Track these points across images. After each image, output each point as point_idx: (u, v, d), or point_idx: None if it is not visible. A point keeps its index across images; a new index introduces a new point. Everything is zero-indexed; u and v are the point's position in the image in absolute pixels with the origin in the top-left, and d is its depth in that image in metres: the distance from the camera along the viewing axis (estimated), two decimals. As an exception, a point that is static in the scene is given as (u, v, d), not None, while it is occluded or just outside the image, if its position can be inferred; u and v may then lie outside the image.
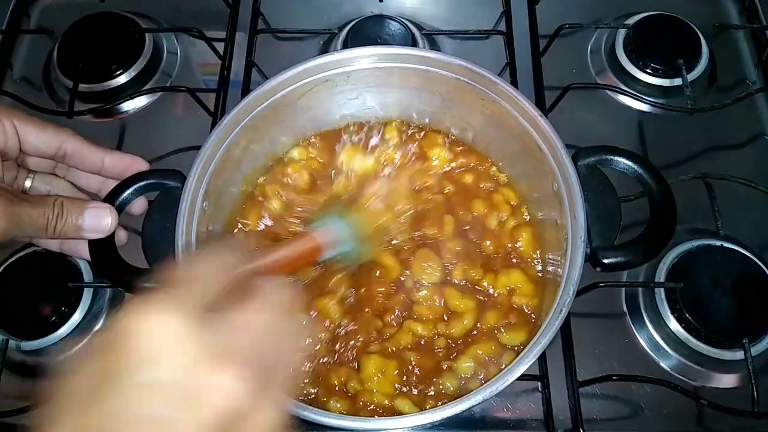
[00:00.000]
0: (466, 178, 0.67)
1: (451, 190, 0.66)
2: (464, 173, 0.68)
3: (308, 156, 0.69)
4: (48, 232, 0.51)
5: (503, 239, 0.64)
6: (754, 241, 0.72)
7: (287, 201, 0.66)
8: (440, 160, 0.68)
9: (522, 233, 0.63)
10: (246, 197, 0.67)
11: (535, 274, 0.62)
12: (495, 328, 0.59)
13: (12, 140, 0.53)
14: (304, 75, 0.62)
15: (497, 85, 0.60)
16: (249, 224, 0.65)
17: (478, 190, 0.66)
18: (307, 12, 0.91)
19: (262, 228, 0.65)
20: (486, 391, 0.47)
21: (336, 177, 0.67)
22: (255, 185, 0.67)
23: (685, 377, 0.67)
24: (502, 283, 0.61)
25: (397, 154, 0.68)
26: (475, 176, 0.67)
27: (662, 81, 0.82)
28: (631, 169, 0.57)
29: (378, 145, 0.69)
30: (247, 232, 0.64)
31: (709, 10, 0.91)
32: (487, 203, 0.65)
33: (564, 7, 0.90)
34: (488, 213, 0.65)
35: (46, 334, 0.68)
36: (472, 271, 0.62)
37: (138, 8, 0.91)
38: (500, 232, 0.64)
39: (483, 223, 0.64)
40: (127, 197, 0.56)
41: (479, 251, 0.63)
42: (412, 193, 0.66)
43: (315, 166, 0.69)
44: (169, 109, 0.85)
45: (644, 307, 0.70)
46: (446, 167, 0.68)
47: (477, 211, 0.65)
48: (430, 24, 0.90)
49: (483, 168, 0.68)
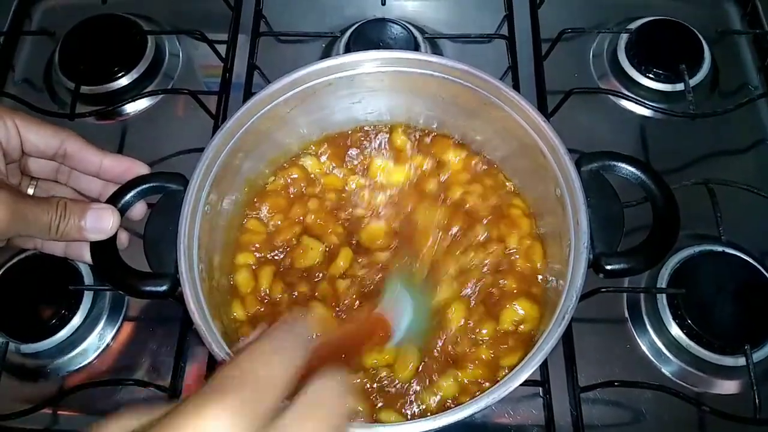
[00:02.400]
0: (478, 189, 0.66)
1: (471, 204, 0.65)
2: (476, 183, 0.67)
3: (321, 170, 0.68)
4: (51, 233, 0.51)
5: (519, 263, 0.62)
6: (756, 247, 0.72)
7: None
8: (458, 161, 0.67)
9: (536, 250, 0.62)
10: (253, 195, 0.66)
11: (539, 292, 0.61)
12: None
13: (14, 139, 0.53)
14: (306, 79, 0.61)
15: (499, 90, 0.60)
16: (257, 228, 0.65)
17: (494, 208, 0.65)
18: (309, 15, 0.92)
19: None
20: (488, 398, 0.47)
21: (356, 199, 0.67)
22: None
23: (686, 383, 0.67)
24: (510, 318, 0.59)
25: (411, 166, 0.68)
26: (485, 187, 0.67)
27: (664, 86, 0.82)
28: (635, 175, 0.57)
29: (390, 155, 0.69)
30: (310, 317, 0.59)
31: (711, 16, 0.91)
32: (506, 222, 0.64)
33: (566, 11, 0.90)
34: (507, 234, 0.63)
35: (46, 337, 0.68)
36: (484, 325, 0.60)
37: (140, 10, 0.91)
38: (516, 259, 0.62)
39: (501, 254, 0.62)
40: (129, 200, 0.55)
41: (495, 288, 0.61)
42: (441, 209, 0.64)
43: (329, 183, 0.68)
44: (171, 112, 0.85)
45: (646, 313, 0.70)
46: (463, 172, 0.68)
47: (499, 237, 0.63)
48: (432, 28, 0.90)
49: (493, 178, 0.67)
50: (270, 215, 0.66)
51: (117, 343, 0.70)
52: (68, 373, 0.69)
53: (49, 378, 0.69)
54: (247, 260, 0.63)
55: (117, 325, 0.71)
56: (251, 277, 0.62)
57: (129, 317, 0.72)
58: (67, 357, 0.69)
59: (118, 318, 0.71)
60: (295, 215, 0.65)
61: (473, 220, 0.64)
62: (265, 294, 0.61)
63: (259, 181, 0.67)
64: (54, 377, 0.69)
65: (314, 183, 0.68)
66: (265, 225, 0.65)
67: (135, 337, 0.71)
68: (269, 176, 0.68)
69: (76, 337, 0.69)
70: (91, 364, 0.69)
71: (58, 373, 0.69)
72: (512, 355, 0.57)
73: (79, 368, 0.69)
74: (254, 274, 0.62)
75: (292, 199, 0.67)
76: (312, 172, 0.68)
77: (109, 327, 0.71)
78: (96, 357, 0.69)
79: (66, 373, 0.69)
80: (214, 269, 0.59)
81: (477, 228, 0.63)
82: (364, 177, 0.68)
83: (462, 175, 0.67)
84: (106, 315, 0.71)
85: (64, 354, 0.69)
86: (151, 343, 0.70)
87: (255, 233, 0.65)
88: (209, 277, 0.57)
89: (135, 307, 0.72)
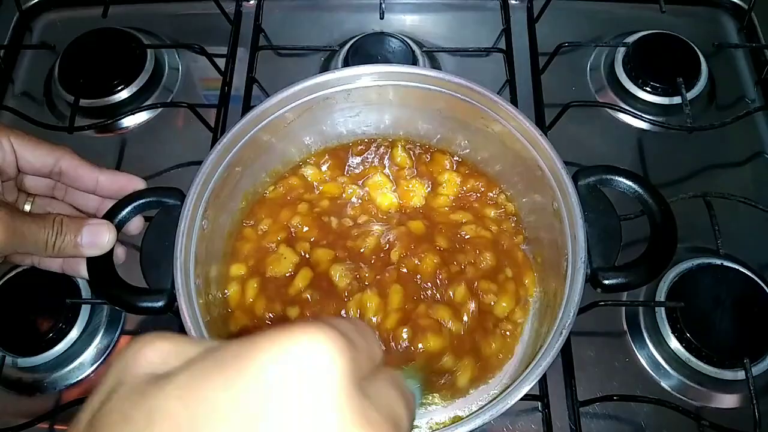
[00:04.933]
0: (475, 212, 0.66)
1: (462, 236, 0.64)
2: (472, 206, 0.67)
3: (322, 179, 0.69)
4: (48, 249, 0.51)
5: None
6: (754, 260, 0.72)
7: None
8: (449, 184, 0.68)
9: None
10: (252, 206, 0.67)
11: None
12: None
13: (9, 157, 0.53)
14: (304, 92, 0.62)
15: (497, 104, 0.60)
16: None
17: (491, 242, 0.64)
18: (308, 29, 0.92)
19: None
20: (486, 414, 0.47)
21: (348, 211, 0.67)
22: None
23: (685, 397, 0.66)
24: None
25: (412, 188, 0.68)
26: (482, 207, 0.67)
27: (662, 99, 0.83)
28: (632, 189, 0.57)
29: (390, 171, 0.69)
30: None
31: (708, 29, 0.91)
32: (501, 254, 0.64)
33: (563, 25, 0.91)
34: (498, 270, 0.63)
35: (43, 350, 0.67)
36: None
37: (140, 24, 0.91)
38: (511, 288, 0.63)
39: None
40: (125, 215, 0.55)
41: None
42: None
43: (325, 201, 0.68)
44: (170, 125, 0.85)
45: (645, 326, 0.70)
46: (458, 192, 0.68)
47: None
48: (430, 41, 0.90)
49: (492, 194, 0.68)
50: (261, 221, 0.66)
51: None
52: (65, 387, 0.68)
53: (45, 392, 0.68)
54: (239, 272, 0.63)
55: (114, 339, 0.71)
56: (241, 290, 0.62)
57: (126, 331, 0.71)
58: (64, 371, 0.69)
59: (115, 332, 0.71)
60: (283, 219, 0.66)
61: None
62: (250, 308, 0.61)
63: (258, 191, 0.67)
64: (51, 391, 0.68)
65: (312, 190, 0.68)
66: (256, 231, 0.66)
67: (132, 350, 0.70)
68: (269, 186, 0.68)
69: (73, 351, 0.69)
70: (88, 378, 0.69)
71: (55, 387, 0.68)
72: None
73: (76, 382, 0.69)
74: (243, 288, 0.62)
75: (282, 203, 0.67)
76: (313, 181, 0.69)
77: (107, 341, 0.70)
78: (93, 371, 0.69)
79: (63, 387, 0.68)
80: (211, 284, 0.59)
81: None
82: (361, 188, 0.68)
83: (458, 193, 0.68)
84: (104, 329, 0.71)
85: (61, 368, 0.69)
86: (148, 357, 0.70)
87: (248, 240, 0.65)
88: (206, 292, 0.57)
89: (132, 321, 0.72)
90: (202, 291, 0.56)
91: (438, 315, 0.59)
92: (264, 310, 0.60)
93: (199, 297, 0.54)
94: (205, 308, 0.54)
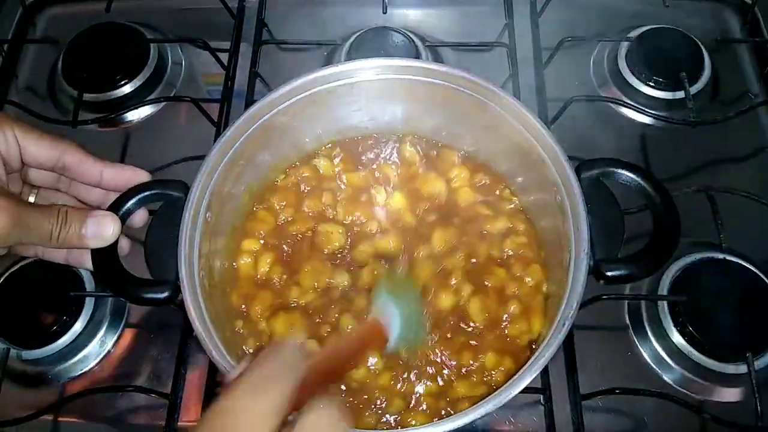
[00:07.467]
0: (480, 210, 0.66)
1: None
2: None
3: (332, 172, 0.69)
4: (52, 240, 0.51)
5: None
6: (756, 255, 0.72)
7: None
8: (459, 180, 0.68)
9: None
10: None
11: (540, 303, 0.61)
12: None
13: (13, 149, 0.53)
14: (307, 86, 0.62)
15: (500, 97, 0.60)
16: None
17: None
18: (311, 23, 0.92)
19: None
20: (489, 405, 0.47)
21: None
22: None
23: (688, 391, 0.67)
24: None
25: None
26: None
27: (665, 94, 0.83)
28: (635, 182, 0.57)
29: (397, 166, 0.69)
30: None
31: (711, 24, 0.91)
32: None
33: (567, 19, 0.91)
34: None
35: (48, 343, 0.68)
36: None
37: (143, 19, 0.92)
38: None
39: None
40: (130, 207, 0.55)
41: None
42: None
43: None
44: (173, 119, 0.85)
45: (647, 320, 0.70)
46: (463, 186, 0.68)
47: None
48: (433, 36, 0.90)
49: (497, 190, 0.68)
50: (280, 208, 0.66)
51: (118, 350, 0.70)
52: (69, 380, 0.69)
53: (50, 384, 0.69)
54: (252, 246, 0.64)
55: (118, 332, 0.71)
56: (253, 262, 0.63)
57: (130, 324, 0.72)
58: (69, 363, 0.69)
59: (119, 324, 0.71)
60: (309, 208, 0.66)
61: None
62: (262, 279, 0.62)
63: (262, 183, 0.67)
64: (55, 384, 0.69)
65: (325, 181, 0.68)
66: (275, 216, 0.66)
67: (136, 343, 0.71)
68: (279, 174, 0.68)
69: (77, 343, 0.69)
70: (92, 371, 0.69)
71: (59, 380, 0.69)
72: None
73: (80, 375, 0.69)
74: (255, 260, 0.63)
75: (303, 194, 0.67)
76: (325, 173, 0.69)
77: (111, 333, 0.71)
78: (97, 363, 0.69)
79: (67, 380, 0.69)
80: (215, 275, 0.59)
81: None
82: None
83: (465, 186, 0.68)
84: (108, 321, 0.71)
85: (66, 360, 0.69)
86: (152, 350, 0.70)
87: (263, 222, 0.65)
88: (210, 284, 0.57)
89: (136, 314, 0.72)
90: (207, 283, 0.56)
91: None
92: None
93: (203, 288, 0.54)
94: (209, 300, 0.54)
